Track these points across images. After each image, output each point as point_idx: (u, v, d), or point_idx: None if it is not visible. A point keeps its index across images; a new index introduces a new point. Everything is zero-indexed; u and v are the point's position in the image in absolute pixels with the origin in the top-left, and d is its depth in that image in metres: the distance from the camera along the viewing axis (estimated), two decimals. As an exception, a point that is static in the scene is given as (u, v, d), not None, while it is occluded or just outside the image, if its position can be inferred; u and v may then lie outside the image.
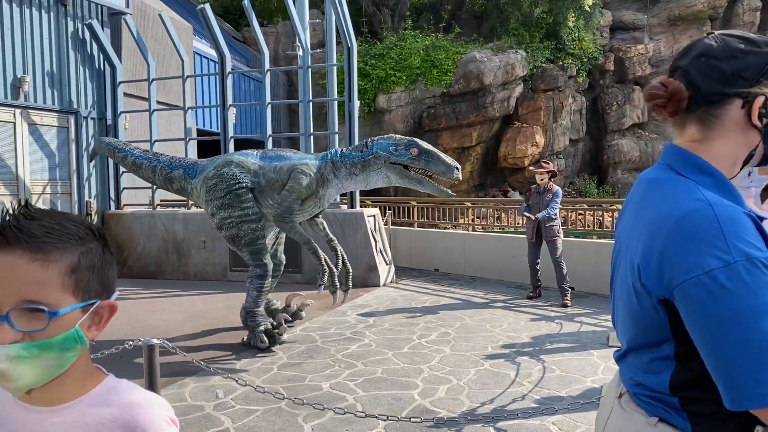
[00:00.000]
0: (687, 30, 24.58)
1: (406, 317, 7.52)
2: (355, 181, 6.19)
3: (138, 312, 7.91)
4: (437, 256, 11.27)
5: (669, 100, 1.32)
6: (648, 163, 23.99)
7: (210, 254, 10.50)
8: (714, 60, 1.28)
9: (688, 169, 1.28)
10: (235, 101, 17.31)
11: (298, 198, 6.14)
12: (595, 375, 5.27)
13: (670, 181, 1.29)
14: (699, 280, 1.13)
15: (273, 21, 24.92)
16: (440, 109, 20.52)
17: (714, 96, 1.28)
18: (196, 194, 6.70)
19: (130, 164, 7.28)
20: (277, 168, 6.30)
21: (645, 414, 1.30)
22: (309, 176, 6.16)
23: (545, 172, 8.17)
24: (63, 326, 0.96)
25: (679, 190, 1.25)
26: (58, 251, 0.96)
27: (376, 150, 6.00)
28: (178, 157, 7.19)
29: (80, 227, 1.00)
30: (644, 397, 1.31)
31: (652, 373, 1.28)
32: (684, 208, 1.19)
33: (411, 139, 5.99)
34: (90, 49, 11.29)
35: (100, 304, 1.01)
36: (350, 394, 4.87)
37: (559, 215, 8.39)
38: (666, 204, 1.24)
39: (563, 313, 7.63)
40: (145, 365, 2.89)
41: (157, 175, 7.01)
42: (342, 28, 10.16)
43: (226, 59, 10.90)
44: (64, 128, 10.87)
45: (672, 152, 1.34)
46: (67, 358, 0.98)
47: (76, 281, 0.97)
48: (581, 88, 23.32)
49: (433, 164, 5.86)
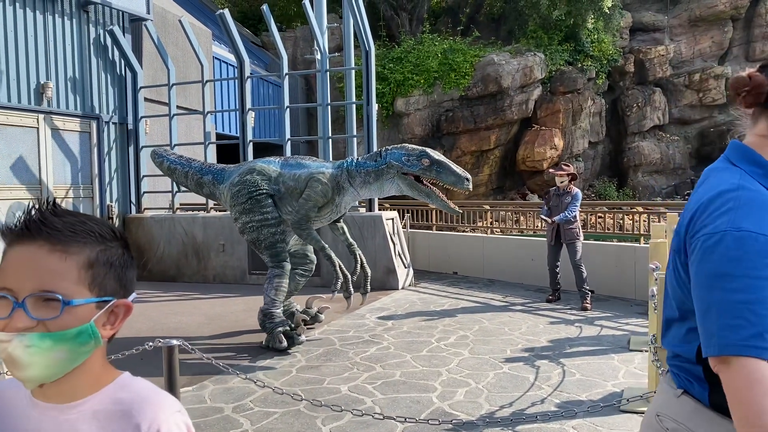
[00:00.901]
0: (708, 31, 24.28)
1: (425, 320, 7.50)
2: (369, 189, 6.27)
3: (158, 314, 7.99)
4: (456, 259, 11.23)
5: (749, 91, 1.42)
6: (669, 166, 23.72)
7: (229, 257, 10.57)
8: None
9: (741, 160, 1.40)
10: (254, 105, 17.42)
11: (314, 206, 6.24)
12: (615, 379, 5.21)
13: (722, 170, 1.41)
14: (697, 239, 1.30)
15: (291, 26, 25.07)
16: (458, 113, 20.47)
17: None
18: (224, 199, 6.92)
19: (166, 168, 7.61)
20: (296, 176, 6.41)
21: (674, 386, 1.42)
22: (325, 185, 6.25)
23: (565, 175, 8.11)
24: (78, 319, 0.98)
25: (725, 176, 1.37)
26: (77, 245, 0.99)
27: (389, 159, 6.06)
28: (208, 163, 7.46)
29: (102, 227, 1.03)
30: (676, 369, 1.42)
31: (686, 343, 1.38)
32: (719, 188, 1.33)
33: (423, 149, 6.02)
34: (111, 54, 11.44)
35: (116, 303, 1.03)
36: (369, 396, 4.86)
37: (579, 218, 8.31)
38: (710, 187, 1.37)
39: (583, 317, 7.56)
40: (165, 366, 2.91)
41: (189, 179, 7.30)
42: (360, 31, 10.19)
43: (245, 64, 10.99)
44: (86, 133, 11.02)
45: (732, 147, 1.45)
46: (80, 353, 0.99)
47: (93, 276, 0.99)
48: (601, 90, 23.11)
49: (443, 175, 5.88)
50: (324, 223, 6.56)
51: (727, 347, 1.19)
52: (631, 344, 6.21)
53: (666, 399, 1.43)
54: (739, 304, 1.20)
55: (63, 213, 1.01)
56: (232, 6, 25.70)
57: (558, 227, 8.12)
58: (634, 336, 6.49)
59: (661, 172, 23.67)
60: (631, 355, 5.91)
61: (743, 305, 1.19)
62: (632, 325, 7.11)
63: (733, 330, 1.19)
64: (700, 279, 1.28)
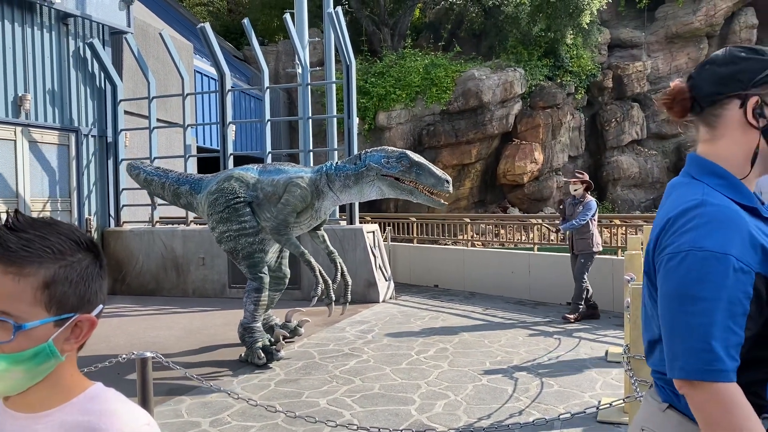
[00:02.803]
0: (684, 48, 24.75)
1: (405, 333, 7.50)
2: (349, 193, 6.23)
3: (136, 329, 7.90)
4: (436, 272, 11.25)
5: (672, 101, 1.45)
6: (647, 180, 24.04)
7: (209, 271, 10.50)
8: (715, 66, 1.42)
9: (702, 174, 1.40)
10: (235, 118, 17.40)
11: (293, 211, 6.18)
12: (593, 390, 5.24)
13: (685, 184, 1.41)
14: (661, 258, 1.31)
15: (273, 40, 25.13)
16: (440, 127, 20.62)
17: (712, 97, 1.40)
18: (201, 209, 6.83)
19: (142, 181, 7.50)
20: (274, 182, 6.37)
21: (659, 400, 1.42)
22: (304, 189, 6.21)
23: (579, 182, 7.96)
24: (33, 340, 0.96)
25: (688, 191, 1.37)
26: (32, 266, 0.96)
27: (368, 162, 6.04)
28: (185, 173, 7.38)
29: (63, 240, 0.99)
30: (662, 383, 1.42)
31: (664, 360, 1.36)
32: (683, 205, 1.33)
33: (402, 151, 6.02)
34: (91, 67, 11.39)
35: (79, 318, 1.00)
36: (347, 410, 4.85)
37: (594, 229, 7.95)
38: (674, 203, 1.37)
39: (561, 329, 7.61)
40: (138, 379, 2.88)
41: (165, 190, 7.20)
42: (341, 46, 10.25)
43: (226, 77, 10.99)
44: (64, 146, 10.93)
45: (691, 160, 1.46)
46: (38, 372, 0.98)
47: (50, 295, 0.97)
48: (580, 105, 23.43)
49: (423, 177, 5.88)
50: (303, 229, 6.51)
51: (692, 372, 1.20)
52: (609, 356, 6.26)
53: (651, 413, 1.43)
54: (701, 326, 1.20)
55: (24, 227, 0.97)
56: (213, 20, 25.72)
57: (572, 237, 7.93)
58: (611, 348, 6.55)
59: (639, 185, 23.97)
60: (608, 367, 5.96)
61: (705, 328, 1.20)
62: (610, 336, 7.17)
63: (696, 354, 1.20)
64: (664, 299, 1.28)
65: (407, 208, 20.56)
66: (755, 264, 1.26)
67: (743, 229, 1.27)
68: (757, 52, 1.39)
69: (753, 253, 1.26)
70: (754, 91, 1.36)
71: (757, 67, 1.36)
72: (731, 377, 1.20)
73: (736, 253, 1.24)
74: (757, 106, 1.35)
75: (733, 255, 1.24)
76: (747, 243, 1.26)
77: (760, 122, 1.36)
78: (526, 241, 11.47)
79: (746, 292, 1.24)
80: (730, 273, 1.22)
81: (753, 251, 1.26)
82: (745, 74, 1.36)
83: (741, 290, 1.23)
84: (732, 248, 1.24)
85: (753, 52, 1.39)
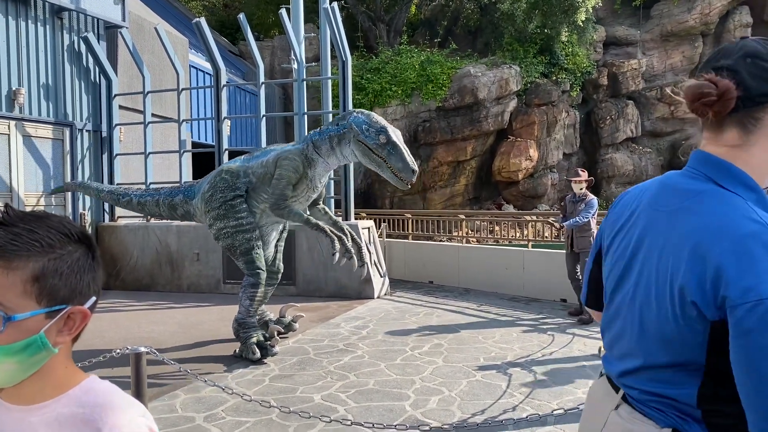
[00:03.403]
0: (679, 46, 24.80)
1: (400, 329, 7.51)
2: (335, 155, 6.21)
3: (130, 324, 7.89)
4: (431, 268, 11.27)
5: (719, 99, 1.23)
6: (642, 177, 24.08)
7: (203, 266, 10.49)
8: (762, 61, 1.23)
9: (728, 181, 1.23)
10: (230, 114, 17.37)
11: (288, 183, 6.18)
12: (586, 386, 5.26)
13: (714, 194, 1.23)
14: (755, 305, 1.08)
15: (269, 35, 25.07)
16: (435, 123, 20.63)
17: (763, 97, 1.22)
18: (199, 213, 6.84)
19: (135, 205, 7.50)
20: (264, 162, 6.41)
21: (655, 424, 1.27)
22: (294, 160, 6.22)
23: (582, 181, 7.90)
24: (24, 331, 0.97)
25: (730, 207, 1.19)
26: (21, 259, 0.96)
27: (351, 123, 6.02)
28: (176, 185, 7.37)
29: (53, 233, 0.99)
30: (658, 406, 1.27)
31: (673, 385, 1.24)
32: (744, 228, 1.14)
33: (384, 125, 5.96)
34: (86, 61, 11.34)
35: (71, 310, 1.01)
36: (342, 405, 4.86)
37: (596, 227, 7.87)
38: (718, 220, 1.17)
39: (555, 326, 7.64)
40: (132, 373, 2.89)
41: (161, 207, 7.21)
42: (336, 42, 10.24)
43: (221, 72, 10.96)
44: (59, 140, 10.89)
45: (707, 161, 1.27)
46: (31, 364, 0.99)
47: (40, 288, 0.97)
48: (575, 103, 23.47)
49: (393, 158, 5.86)
50: (303, 203, 6.45)
51: None
52: (602, 352, 6.27)
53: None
54: None
55: (14, 221, 0.98)
56: (209, 14, 25.64)
57: (572, 235, 7.84)
58: (605, 344, 6.57)
59: (633, 183, 23.88)
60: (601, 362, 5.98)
61: None
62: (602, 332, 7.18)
63: None
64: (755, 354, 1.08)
65: (403, 205, 20.58)
66: None
67: None
68: None
69: None
70: None
71: None
72: None
73: None
74: None
75: None
76: None
77: None
78: (520, 237, 11.51)
79: None
80: None
81: None
82: None
83: None
84: None
85: None
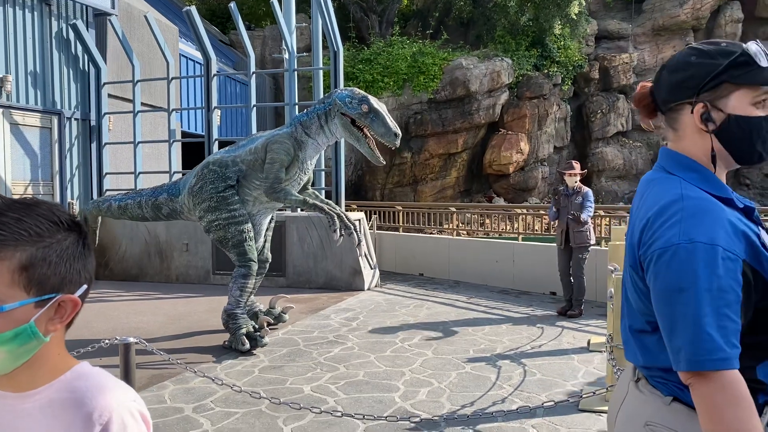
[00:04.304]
0: (671, 40, 24.88)
1: (390, 321, 7.51)
2: (323, 134, 6.24)
3: (118, 314, 7.85)
4: (422, 260, 11.28)
5: (638, 105, 1.52)
6: (632, 171, 24.20)
7: (192, 257, 10.44)
8: (666, 72, 1.46)
9: (676, 168, 1.43)
10: (221, 103, 17.25)
11: (281, 166, 6.16)
12: (575, 379, 5.29)
13: (661, 180, 1.44)
14: (650, 255, 1.33)
15: (260, 25, 24.90)
16: (427, 115, 20.59)
17: (667, 104, 1.46)
18: (187, 208, 6.73)
19: (116, 210, 7.23)
20: (253, 149, 6.38)
21: (661, 394, 1.42)
22: (284, 143, 6.21)
23: (576, 173, 7.76)
24: (14, 321, 0.96)
25: (666, 187, 1.40)
26: (8, 249, 0.95)
27: (334, 98, 6.08)
28: (158, 185, 7.23)
29: (41, 221, 0.98)
30: (659, 378, 1.42)
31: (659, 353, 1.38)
32: (663, 200, 1.35)
33: (365, 95, 6.05)
34: (74, 49, 11.21)
35: (61, 299, 1.00)
36: (331, 396, 4.86)
37: (590, 221, 7.80)
38: (654, 199, 1.40)
39: (545, 318, 7.67)
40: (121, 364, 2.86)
41: (143, 208, 7.01)
42: (328, 32, 10.18)
43: (212, 61, 10.88)
44: (47, 129, 10.78)
45: (663, 154, 1.50)
46: (21, 353, 0.98)
47: (28, 277, 0.97)
48: (566, 96, 23.50)
49: (375, 124, 5.92)
50: (294, 186, 6.43)
51: (697, 363, 1.22)
52: (591, 345, 6.32)
53: (655, 408, 1.42)
54: (700, 317, 1.22)
55: (2, 210, 0.97)
56: (199, 3, 25.42)
57: (567, 230, 7.66)
58: (593, 337, 6.61)
59: (623, 177, 24.14)
60: (590, 355, 6.02)
61: (704, 318, 1.22)
62: (592, 326, 7.24)
63: (698, 344, 1.22)
64: (659, 295, 1.30)
65: (393, 197, 20.57)
66: (740, 252, 1.28)
67: (723, 219, 1.30)
68: (708, 54, 1.39)
69: (737, 241, 1.29)
70: (703, 96, 1.38)
71: (703, 73, 1.37)
72: (734, 364, 1.22)
73: (723, 242, 1.26)
74: (704, 112, 1.38)
75: (721, 245, 1.26)
76: (730, 232, 1.28)
77: (709, 126, 1.38)
78: (510, 230, 11.52)
79: (737, 280, 1.26)
80: (719, 262, 1.25)
81: (737, 239, 1.29)
82: (693, 80, 1.38)
83: (732, 278, 1.25)
84: (718, 238, 1.26)
85: (703, 55, 1.39)
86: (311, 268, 9.85)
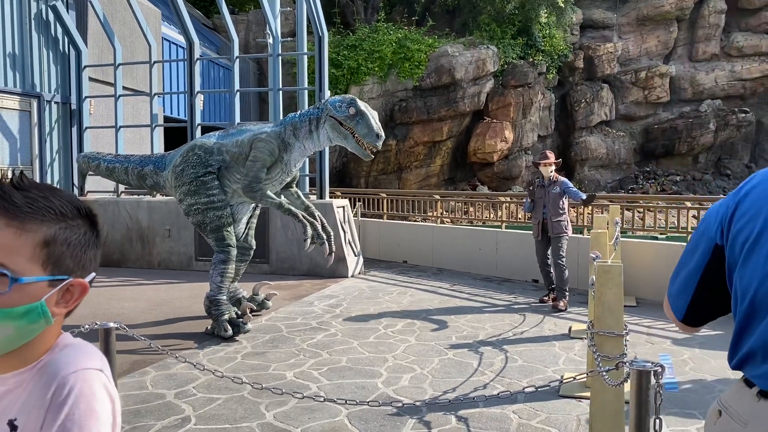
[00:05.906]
0: (655, 30, 25.01)
1: (373, 308, 7.53)
2: (312, 140, 6.22)
3: (100, 300, 7.78)
4: (406, 248, 11.30)
5: None
6: (614, 161, 24.35)
7: (175, 243, 10.37)
8: None
9: None
10: (204, 88, 17.06)
11: (263, 166, 6.13)
12: (556, 365, 5.35)
13: None
14: None
15: (244, 9, 24.62)
16: (412, 103, 20.55)
17: None
18: (169, 185, 6.73)
19: (104, 170, 7.43)
20: (239, 142, 6.32)
21: None
22: (270, 143, 6.17)
23: (551, 163, 7.66)
24: (27, 296, 0.97)
25: None
26: (34, 222, 0.97)
27: (327, 104, 6.10)
28: (147, 155, 7.33)
29: (66, 204, 1.01)
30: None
31: None
32: None
33: (353, 98, 6.07)
34: (54, 31, 11.02)
35: (72, 282, 1.02)
36: (314, 382, 4.87)
37: (567, 211, 7.75)
38: None
39: (527, 305, 7.73)
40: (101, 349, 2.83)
41: (129, 175, 7.13)
42: (313, 17, 10.09)
43: (195, 45, 10.75)
44: (26, 112, 10.60)
45: None
46: (28, 331, 0.99)
47: (48, 254, 0.99)
48: (551, 85, 23.57)
49: (360, 126, 5.93)
50: (276, 186, 6.41)
51: None
52: (572, 332, 6.38)
53: None
54: None
55: (28, 186, 0.99)
56: (183, -14, 25.04)
57: (544, 220, 7.57)
58: (574, 324, 6.68)
59: (606, 166, 24.32)
60: (571, 342, 6.08)
61: None
62: (573, 313, 7.30)
63: None
64: None
65: (378, 184, 20.55)
66: None
67: None
68: None
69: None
70: None
71: None
72: None
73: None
74: None
75: None
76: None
77: None
78: (494, 218, 11.57)
79: None
80: None
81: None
82: None
83: None
84: None
85: None
86: (295, 255, 9.82)
